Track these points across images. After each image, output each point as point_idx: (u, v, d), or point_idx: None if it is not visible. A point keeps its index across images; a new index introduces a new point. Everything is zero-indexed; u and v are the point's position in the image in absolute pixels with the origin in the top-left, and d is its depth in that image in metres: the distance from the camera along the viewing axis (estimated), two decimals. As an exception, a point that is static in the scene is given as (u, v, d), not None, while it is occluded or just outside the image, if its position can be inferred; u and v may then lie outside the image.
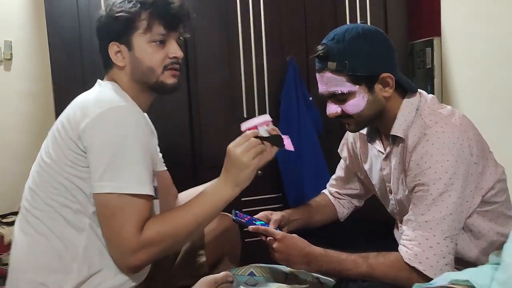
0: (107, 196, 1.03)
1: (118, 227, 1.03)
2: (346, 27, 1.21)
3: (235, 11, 2.06)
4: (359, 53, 1.16)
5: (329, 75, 1.19)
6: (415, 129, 1.19)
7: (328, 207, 1.54)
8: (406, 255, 1.13)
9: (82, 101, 1.12)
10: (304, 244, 1.20)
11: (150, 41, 1.16)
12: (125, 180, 1.03)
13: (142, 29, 1.16)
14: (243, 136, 1.13)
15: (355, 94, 1.19)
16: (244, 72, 2.09)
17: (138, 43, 1.16)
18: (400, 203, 1.29)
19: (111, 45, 1.18)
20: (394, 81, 1.20)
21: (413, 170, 1.17)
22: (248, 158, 1.10)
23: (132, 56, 1.17)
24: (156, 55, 1.17)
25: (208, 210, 1.11)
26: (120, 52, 1.18)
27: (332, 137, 1.97)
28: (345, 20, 2.16)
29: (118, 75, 1.20)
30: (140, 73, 1.18)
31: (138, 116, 1.08)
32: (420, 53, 2.24)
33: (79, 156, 1.06)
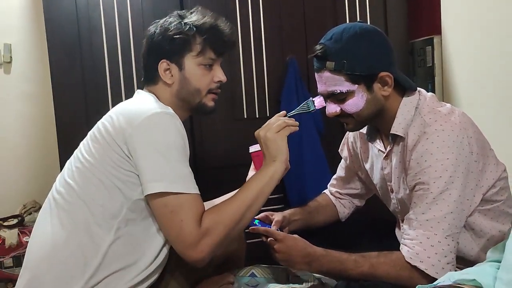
0: (164, 195, 1.07)
1: (179, 223, 1.07)
2: (344, 26, 1.20)
3: (235, 11, 2.06)
4: (357, 52, 1.16)
5: (328, 75, 1.18)
6: (415, 127, 1.19)
7: (329, 207, 1.54)
8: (407, 254, 1.12)
9: (124, 108, 1.16)
10: (305, 245, 1.20)
11: (200, 64, 1.23)
12: (178, 180, 1.08)
13: (195, 52, 1.23)
14: (268, 121, 1.23)
15: (354, 93, 1.18)
16: (244, 72, 2.08)
17: (189, 64, 1.23)
18: (401, 202, 1.28)
19: (162, 62, 1.23)
20: (392, 80, 1.19)
21: (414, 169, 1.16)
22: (271, 133, 1.18)
23: (182, 76, 1.24)
24: (204, 78, 1.25)
25: (256, 191, 1.16)
26: (169, 70, 1.24)
27: (333, 137, 1.96)
28: (345, 19, 2.15)
29: (161, 90, 1.25)
30: (186, 92, 1.24)
31: (180, 122, 1.13)
32: (421, 51, 2.23)
33: (123, 159, 1.10)
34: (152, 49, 1.25)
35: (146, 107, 1.12)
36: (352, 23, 1.22)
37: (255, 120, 2.10)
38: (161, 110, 1.11)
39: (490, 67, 1.92)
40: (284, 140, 1.19)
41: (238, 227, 1.15)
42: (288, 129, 1.21)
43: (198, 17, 1.25)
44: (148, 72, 1.27)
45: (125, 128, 1.09)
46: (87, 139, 1.20)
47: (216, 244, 1.10)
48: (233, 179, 2.07)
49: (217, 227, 1.10)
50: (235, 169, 2.08)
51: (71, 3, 1.88)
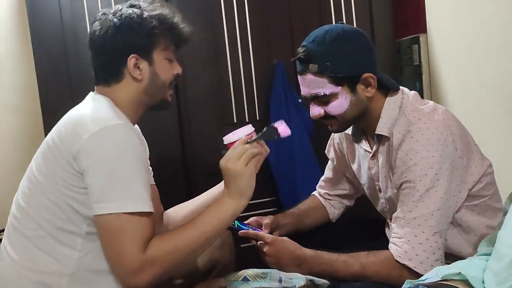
0: (107, 217, 1.01)
1: (120, 247, 1.00)
2: (326, 28, 1.21)
3: (221, 15, 2.06)
4: (340, 54, 1.16)
5: (311, 77, 1.18)
6: (399, 126, 1.19)
7: (319, 209, 1.54)
8: (396, 252, 1.12)
9: (74, 118, 1.10)
10: (295, 247, 1.20)
11: (166, 58, 1.20)
12: (124, 199, 1.01)
13: (162, 46, 1.19)
14: (232, 148, 1.13)
15: (337, 95, 1.19)
16: (232, 77, 2.09)
17: (157, 58, 1.19)
18: (390, 201, 1.28)
19: (131, 58, 1.16)
20: (376, 81, 1.20)
21: (399, 168, 1.16)
22: (240, 166, 1.09)
23: (152, 71, 1.18)
24: (169, 71, 1.22)
25: (214, 226, 1.09)
26: (137, 65, 1.17)
27: (323, 139, 1.96)
28: (331, 20, 2.16)
29: (123, 88, 1.18)
30: (155, 87, 1.20)
31: (133, 134, 1.06)
32: (407, 50, 2.25)
33: (74, 177, 1.04)
34: (119, 44, 1.16)
35: (96, 119, 1.05)
36: (334, 25, 1.22)
37: (245, 124, 2.07)
38: (113, 122, 1.04)
39: (477, 64, 1.93)
40: (253, 175, 1.11)
41: (189, 260, 1.11)
42: (256, 160, 1.13)
43: (161, 11, 1.20)
44: (109, 70, 1.18)
45: (74, 143, 1.03)
46: (38, 153, 1.13)
47: (161, 275, 1.03)
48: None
49: (166, 258, 1.03)
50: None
51: (56, 15, 1.88)
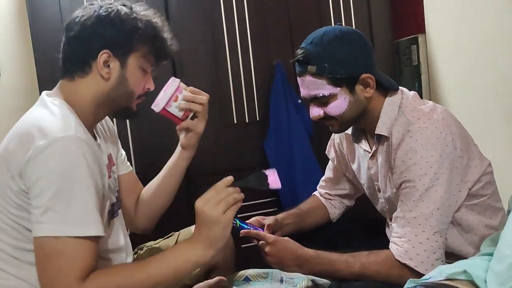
0: (44, 239, 0.91)
1: (54, 273, 0.91)
2: (324, 29, 1.21)
3: (220, 17, 2.07)
4: (338, 55, 1.17)
5: (310, 79, 1.19)
6: (399, 126, 1.20)
7: (320, 209, 1.55)
8: (396, 252, 1.13)
9: (21, 129, 1.00)
10: (296, 247, 1.20)
11: (141, 66, 1.12)
12: (66, 222, 0.91)
13: (141, 52, 1.11)
14: (212, 188, 1.01)
15: (336, 96, 1.19)
16: (232, 78, 2.10)
17: (132, 64, 1.11)
18: (389, 201, 1.29)
19: (103, 53, 1.07)
20: (374, 81, 1.20)
21: (399, 167, 1.17)
22: (218, 213, 0.97)
23: (121, 75, 1.10)
24: (141, 82, 1.14)
25: (168, 272, 0.98)
26: (108, 63, 1.08)
27: (323, 139, 1.97)
28: (330, 21, 2.17)
29: (87, 85, 1.09)
30: (120, 93, 1.11)
31: (84, 147, 0.96)
32: (406, 50, 2.26)
33: (21, 195, 0.96)
34: (95, 35, 1.07)
35: (44, 131, 0.94)
36: (332, 26, 1.23)
37: (245, 125, 2.12)
38: (61, 134, 0.94)
39: (475, 64, 1.94)
40: (230, 225, 1.00)
41: None
42: (235, 208, 1.01)
43: (150, 16, 1.13)
44: (78, 60, 1.09)
45: (19, 158, 0.94)
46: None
47: None
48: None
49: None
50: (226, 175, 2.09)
51: (56, 18, 1.89)
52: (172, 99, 1.17)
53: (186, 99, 1.19)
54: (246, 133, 2.13)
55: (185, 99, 1.19)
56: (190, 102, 1.19)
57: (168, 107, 1.17)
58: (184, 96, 1.19)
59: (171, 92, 1.17)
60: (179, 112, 1.19)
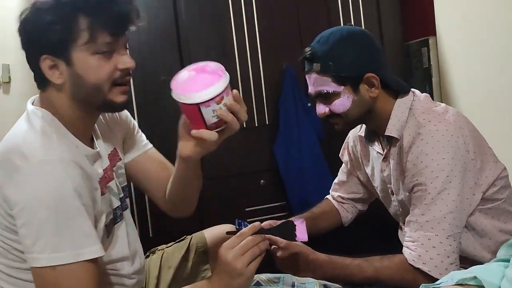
0: (41, 270, 0.87)
1: None
2: (332, 29, 1.24)
3: (229, 21, 2.07)
4: (342, 54, 1.19)
5: (315, 76, 1.22)
6: (409, 129, 1.20)
7: (332, 212, 1.54)
8: (410, 256, 1.12)
9: (3, 150, 0.93)
10: (308, 252, 1.20)
11: (94, 52, 0.94)
12: (59, 250, 0.86)
13: (83, 39, 0.92)
14: (238, 235, 0.96)
15: (340, 94, 1.21)
16: (241, 82, 2.10)
17: (78, 56, 0.93)
18: (402, 204, 1.28)
19: (44, 58, 0.94)
20: (379, 81, 1.21)
21: (410, 171, 1.16)
22: (242, 265, 0.93)
23: (72, 73, 0.95)
24: (102, 69, 0.95)
25: None
26: (56, 66, 0.95)
27: (333, 142, 1.96)
28: (339, 25, 2.17)
29: (53, 95, 0.98)
30: (83, 92, 0.97)
31: (68, 168, 0.89)
32: (417, 53, 2.24)
33: (10, 218, 0.90)
34: (28, 41, 0.96)
35: (23, 153, 0.88)
36: (341, 27, 1.26)
37: (254, 129, 2.12)
38: (43, 157, 0.88)
39: (487, 66, 1.92)
40: (251, 279, 0.97)
41: None
42: (259, 260, 0.97)
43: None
44: (34, 73, 0.99)
45: (1, 184, 0.89)
46: None
47: None
48: (234, 188, 2.09)
49: None
50: (236, 179, 2.10)
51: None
52: (215, 100, 0.88)
53: (231, 108, 0.93)
54: (255, 137, 2.13)
55: (230, 106, 0.93)
56: (232, 114, 0.94)
57: (204, 106, 0.88)
58: (229, 102, 0.91)
59: (220, 90, 0.88)
60: (212, 117, 0.90)
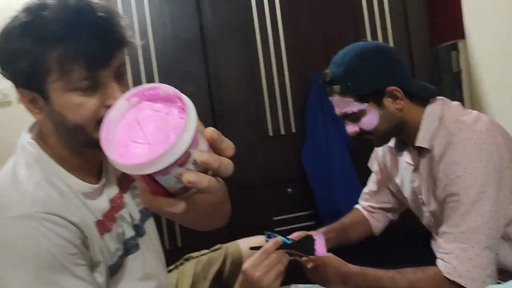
0: None
1: None
2: (346, 49, 1.24)
3: (254, 30, 2.08)
4: (359, 72, 1.19)
5: (338, 98, 1.23)
6: (440, 138, 1.18)
7: (363, 222, 1.52)
8: (445, 269, 1.10)
9: None
10: (340, 263, 1.19)
11: (71, 89, 0.79)
12: None
13: (54, 75, 0.78)
14: (262, 252, 0.97)
15: (365, 111, 1.21)
16: (267, 89, 2.09)
17: (55, 92, 0.80)
18: (434, 215, 1.26)
19: (21, 92, 0.83)
20: (401, 93, 1.20)
21: (442, 181, 1.14)
22: (268, 282, 0.95)
23: (51, 110, 0.82)
24: (84, 108, 0.80)
25: None
26: (35, 100, 0.83)
27: (362, 150, 1.94)
28: (365, 31, 2.15)
29: (44, 128, 0.88)
30: (64, 131, 0.84)
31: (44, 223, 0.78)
32: (446, 57, 2.20)
33: None
34: (4, 76, 0.84)
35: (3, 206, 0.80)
36: (354, 44, 1.25)
37: (281, 137, 2.11)
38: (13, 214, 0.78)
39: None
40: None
41: None
42: (282, 276, 0.99)
43: (44, 17, 0.76)
44: None
45: None
46: None
47: None
48: (261, 197, 2.09)
49: None
50: (263, 188, 2.09)
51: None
52: (177, 163, 0.51)
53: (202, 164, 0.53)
54: (281, 145, 2.12)
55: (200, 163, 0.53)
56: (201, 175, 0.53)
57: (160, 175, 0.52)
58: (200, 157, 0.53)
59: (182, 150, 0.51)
60: (175, 183, 0.54)
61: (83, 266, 0.84)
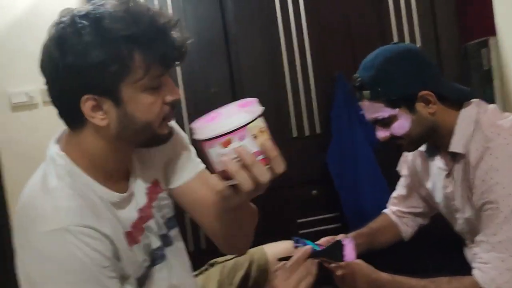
0: None
1: None
2: (375, 53, 1.21)
3: (277, 30, 2.06)
4: (390, 77, 1.15)
5: (368, 103, 1.20)
6: (476, 143, 1.13)
7: (391, 227, 1.48)
8: (482, 279, 1.06)
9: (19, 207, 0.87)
10: (370, 270, 1.17)
11: (144, 89, 0.84)
12: None
13: (136, 75, 0.82)
14: (293, 264, 0.93)
15: (396, 117, 1.18)
16: (292, 90, 2.07)
17: (129, 93, 0.83)
18: (469, 222, 1.21)
19: (85, 99, 0.83)
20: (434, 97, 1.16)
21: (479, 188, 1.10)
22: None
23: (121, 113, 0.85)
24: (154, 106, 0.86)
25: None
26: (99, 107, 0.84)
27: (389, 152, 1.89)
28: (391, 29, 2.10)
29: (89, 137, 0.88)
30: (132, 131, 0.87)
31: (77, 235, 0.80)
32: (475, 54, 2.14)
33: None
34: (64, 82, 0.83)
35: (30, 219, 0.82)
36: (384, 47, 1.21)
37: (305, 138, 2.09)
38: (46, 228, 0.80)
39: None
40: None
41: None
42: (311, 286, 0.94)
43: (125, 20, 0.81)
44: (65, 115, 0.88)
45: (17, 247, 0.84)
46: None
47: None
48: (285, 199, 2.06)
49: None
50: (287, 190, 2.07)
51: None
52: (219, 140, 0.70)
53: (239, 156, 0.72)
54: (305, 147, 2.10)
55: (238, 154, 0.72)
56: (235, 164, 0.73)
57: (208, 145, 0.73)
58: (240, 149, 0.70)
59: (223, 130, 0.70)
60: (217, 163, 0.74)
61: (115, 279, 0.86)
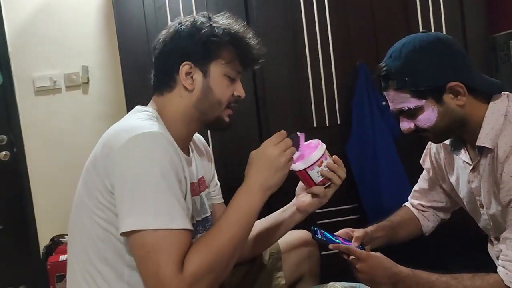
0: (140, 234, 0.91)
1: (154, 267, 0.90)
2: (403, 41, 1.17)
3: (301, 17, 2.02)
4: (418, 67, 1.12)
5: (393, 93, 1.16)
6: (506, 137, 1.10)
7: (412, 221, 1.46)
8: (506, 278, 1.04)
9: (109, 132, 1.04)
10: (390, 264, 1.15)
11: (226, 74, 1.11)
12: (157, 214, 0.91)
13: (224, 60, 1.10)
14: (278, 134, 1.05)
15: (423, 108, 1.14)
16: (312, 79, 2.04)
17: (215, 72, 1.10)
18: (494, 219, 1.18)
19: (185, 64, 1.09)
20: (464, 89, 1.12)
21: (507, 183, 1.07)
22: (285, 159, 1.02)
23: (205, 84, 1.10)
24: (228, 90, 1.12)
25: (244, 224, 0.99)
26: (191, 74, 1.10)
27: (410, 144, 1.87)
28: (417, 18, 2.04)
29: (175, 99, 1.12)
30: (207, 103, 1.11)
31: (166, 143, 0.97)
32: (504, 46, 2.08)
33: (109, 197, 0.97)
34: (175, 48, 1.10)
35: (128, 129, 0.98)
36: (412, 36, 1.17)
37: (325, 128, 2.06)
38: (143, 130, 0.96)
39: None
40: (286, 176, 1.04)
41: (227, 268, 0.99)
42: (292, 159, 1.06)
43: (230, 23, 1.12)
44: (163, 76, 1.13)
45: (105, 159, 0.97)
46: (82, 173, 1.06)
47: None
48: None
49: (204, 272, 0.92)
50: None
51: (142, 28, 1.95)
52: (316, 163, 1.13)
53: (330, 168, 1.15)
54: (326, 137, 2.03)
55: (329, 167, 1.15)
56: (332, 172, 1.15)
57: (310, 170, 1.14)
58: (328, 164, 1.15)
59: (318, 156, 1.13)
60: (318, 177, 1.15)
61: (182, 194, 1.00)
